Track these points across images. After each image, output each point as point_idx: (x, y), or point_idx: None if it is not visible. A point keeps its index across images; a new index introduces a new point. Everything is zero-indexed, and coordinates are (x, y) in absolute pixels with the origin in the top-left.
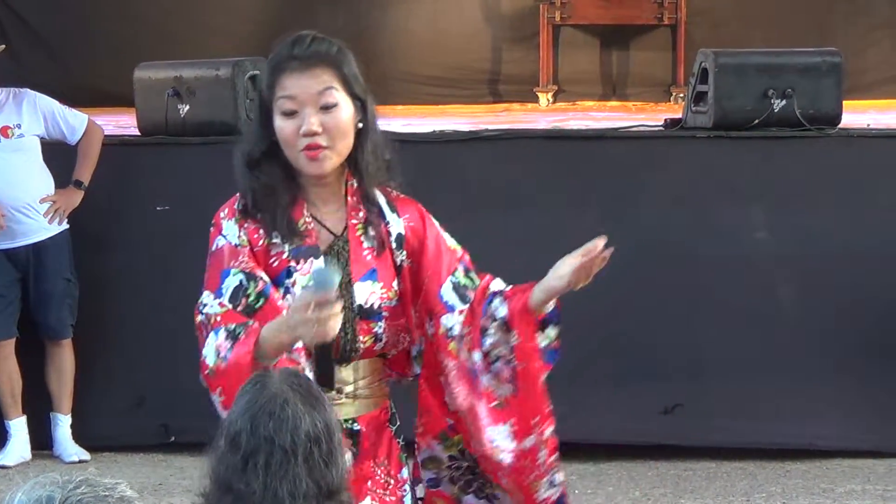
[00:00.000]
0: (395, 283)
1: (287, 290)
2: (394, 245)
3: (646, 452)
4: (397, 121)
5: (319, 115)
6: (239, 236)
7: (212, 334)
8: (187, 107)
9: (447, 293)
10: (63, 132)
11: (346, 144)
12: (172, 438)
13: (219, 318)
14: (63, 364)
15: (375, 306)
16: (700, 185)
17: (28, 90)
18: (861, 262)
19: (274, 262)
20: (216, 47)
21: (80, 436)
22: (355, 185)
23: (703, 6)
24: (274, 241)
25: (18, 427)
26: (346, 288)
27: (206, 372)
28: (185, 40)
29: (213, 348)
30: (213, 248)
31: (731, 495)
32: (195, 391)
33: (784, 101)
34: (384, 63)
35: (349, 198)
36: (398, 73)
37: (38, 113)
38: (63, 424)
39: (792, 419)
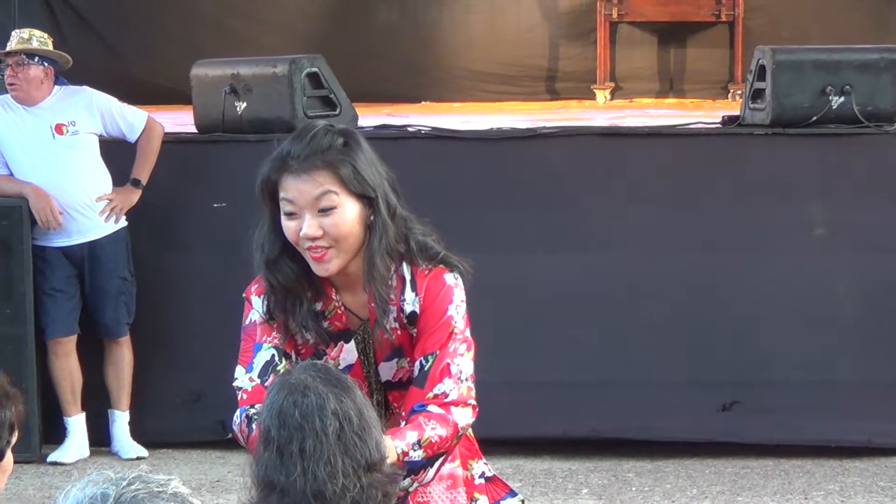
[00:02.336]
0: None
1: None
2: (405, 321)
3: (703, 450)
4: (455, 117)
5: (319, 218)
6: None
7: (238, 410)
8: (244, 104)
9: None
10: (122, 130)
11: (351, 243)
12: (230, 435)
13: (244, 396)
14: (121, 361)
15: (404, 379)
16: (757, 182)
17: (86, 88)
18: None
19: (301, 349)
20: (273, 44)
21: (137, 433)
22: None
23: (760, 2)
24: (296, 335)
25: (77, 424)
26: (372, 369)
27: (235, 430)
28: (243, 37)
29: (237, 425)
30: (247, 322)
31: (788, 493)
32: None
33: (842, 98)
34: (442, 60)
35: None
36: (455, 69)
37: (95, 111)
38: (121, 421)
39: (850, 417)
